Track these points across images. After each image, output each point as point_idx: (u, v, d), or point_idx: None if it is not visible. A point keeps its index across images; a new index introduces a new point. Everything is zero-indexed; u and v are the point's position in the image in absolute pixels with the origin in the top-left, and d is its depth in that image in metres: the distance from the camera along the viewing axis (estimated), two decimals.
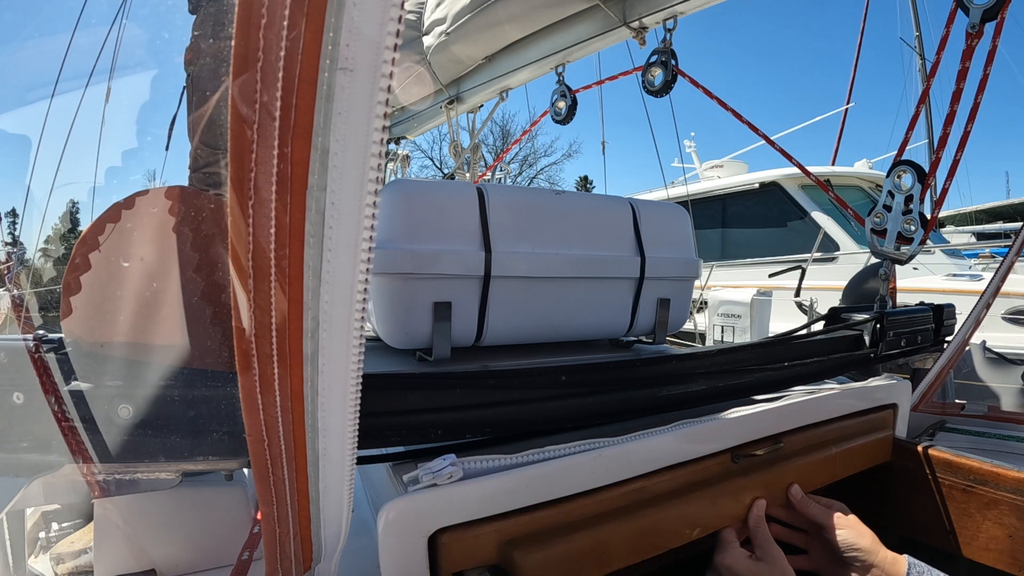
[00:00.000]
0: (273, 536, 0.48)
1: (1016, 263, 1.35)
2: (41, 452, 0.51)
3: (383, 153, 0.35)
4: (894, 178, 1.34)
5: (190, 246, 0.54)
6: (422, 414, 0.68)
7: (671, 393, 0.89)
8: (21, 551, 0.87)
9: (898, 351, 1.26)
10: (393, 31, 0.32)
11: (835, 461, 0.92)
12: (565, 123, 2.52)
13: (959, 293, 3.61)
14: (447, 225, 0.98)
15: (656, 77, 1.87)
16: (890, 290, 1.36)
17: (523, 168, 19.91)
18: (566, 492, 0.68)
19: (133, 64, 1.07)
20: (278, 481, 0.45)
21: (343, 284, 0.38)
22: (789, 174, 5.20)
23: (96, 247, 0.54)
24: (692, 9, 1.76)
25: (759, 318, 3.79)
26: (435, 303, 0.98)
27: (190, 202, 0.55)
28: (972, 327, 1.30)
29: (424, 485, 0.59)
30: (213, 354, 0.53)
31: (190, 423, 0.52)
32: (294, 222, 0.35)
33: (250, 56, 0.31)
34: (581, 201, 1.16)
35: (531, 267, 1.05)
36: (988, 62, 1.27)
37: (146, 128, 1.01)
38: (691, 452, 0.79)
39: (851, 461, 0.95)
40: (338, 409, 0.43)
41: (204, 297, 0.53)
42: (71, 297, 0.53)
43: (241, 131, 0.33)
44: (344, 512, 0.52)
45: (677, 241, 1.27)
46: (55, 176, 1.28)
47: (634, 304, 1.22)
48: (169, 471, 0.54)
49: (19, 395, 0.51)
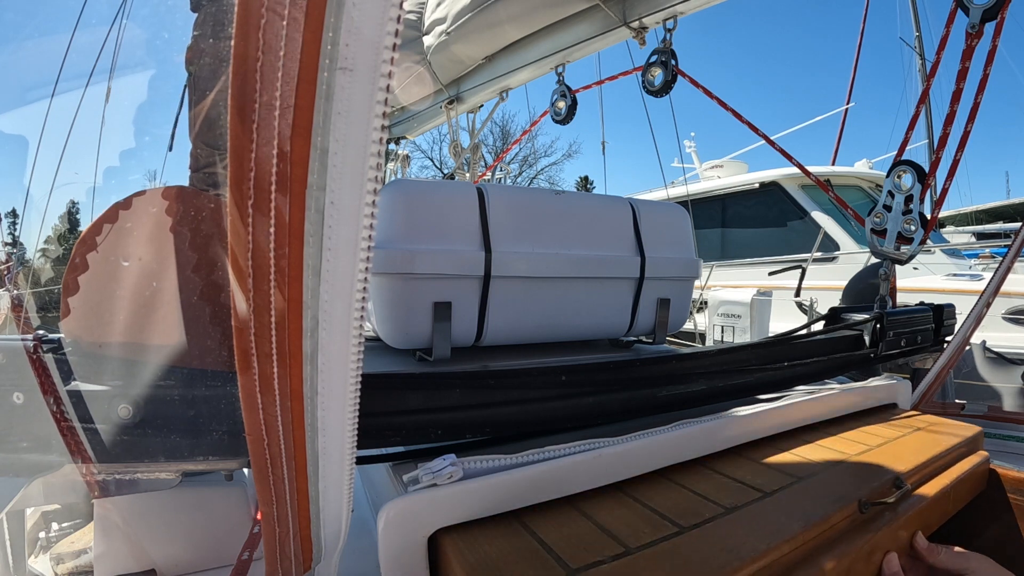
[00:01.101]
0: (273, 536, 0.48)
1: (1016, 263, 1.35)
2: (41, 452, 0.51)
3: (383, 153, 0.35)
4: (894, 178, 1.34)
5: (189, 246, 0.54)
6: (422, 414, 0.68)
7: (671, 393, 0.89)
8: (21, 551, 0.87)
9: (898, 351, 1.27)
10: (392, 31, 0.32)
11: (946, 499, 0.79)
12: (565, 123, 2.52)
13: (959, 293, 3.61)
14: (447, 225, 0.98)
15: (656, 77, 1.88)
16: (890, 290, 1.37)
17: (523, 168, 19.93)
18: (565, 492, 0.68)
19: (133, 64, 1.07)
20: (278, 481, 0.45)
21: (343, 283, 0.38)
22: (789, 174, 5.20)
23: (95, 248, 0.54)
24: (692, 9, 1.76)
25: (759, 318, 3.80)
26: (435, 303, 0.98)
27: (188, 202, 0.55)
28: (972, 327, 1.30)
29: (424, 485, 0.59)
30: (212, 354, 0.53)
31: (190, 423, 0.52)
32: (293, 222, 0.35)
33: (250, 56, 0.31)
34: (581, 201, 1.16)
35: (531, 267, 1.05)
36: (988, 62, 1.27)
37: (146, 128, 1.01)
38: (691, 452, 0.79)
39: (955, 497, 0.82)
40: (338, 409, 0.43)
41: (203, 297, 0.53)
42: (70, 297, 0.53)
43: (241, 131, 0.33)
44: (344, 512, 0.52)
45: (677, 241, 1.27)
46: (55, 176, 1.28)
47: (634, 304, 1.22)
48: (169, 471, 0.54)
49: (19, 395, 0.51)
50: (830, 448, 0.87)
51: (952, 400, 1.81)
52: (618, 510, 0.66)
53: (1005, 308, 3.47)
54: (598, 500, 0.68)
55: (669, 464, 0.77)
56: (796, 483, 0.72)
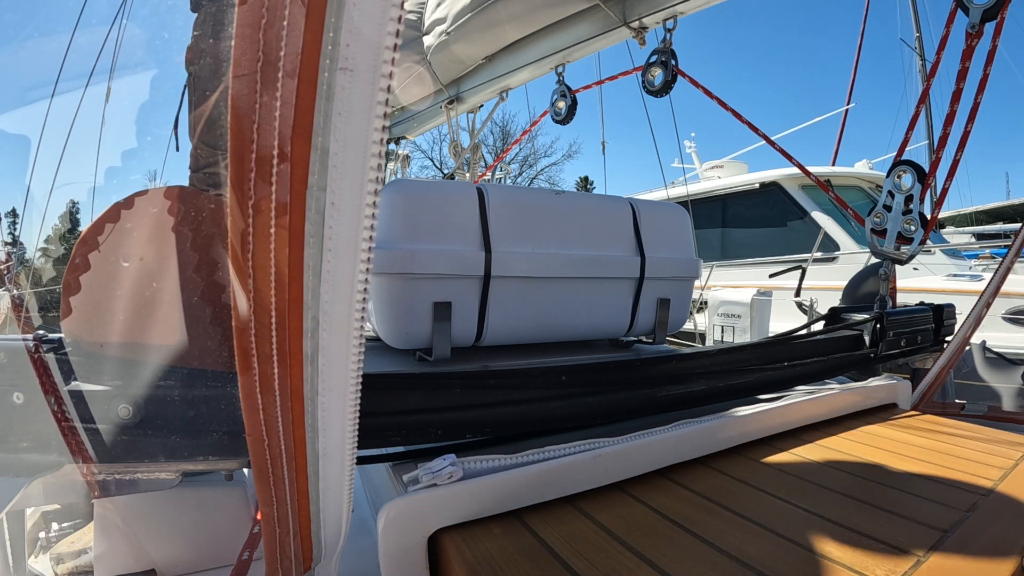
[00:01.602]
0: (273, 536, 0.48)
1: (1016, 263, 1.35)
2: (41, 452, 0.51)
3: (383, 153, 0.35)
4: (894, 178, 1.34)
5: (190, 246, 0.54)
6: (422, 414, 0.68)
7: (671, 393, 0.89)
8: (21, 551, 0.87)
9: (898, 351, 1.27)
10: (393, 31, 0.32)
11: None
12: (565, 123, 2.52)
13: (959, 293, 3.60)
14: (447, 225, 0.98)
15: (656, 77, 1.88)
16: (890, 290, 1.37)
17: (523, 169, 19.93)
18: (565, 492, 0.68)
19: (133, 64, 1.07)
20: (278, 481, 0.45)
21: (343, 284, 0.38)
22: (789, 174, 5.20)
23: (96, 247, 0.54)
24: (692, 9, 1.76)
25: (759, 318, 3.79)
26: (435, 303, 0.98)
27: (189, 202, 0.55)
28: (972, 327, 1.30)
29: (424, 485, 0.60)
30: (213, 354, 0.53)
31: (190, 423, 0.52)
32: (294, 222, 0.35)
33: (250, 56, 0.31)
34: (581, 201, 1.16)
35: (531, 267, 1.05)
36: (988, 62, 1.27)
37: (146, 128, 1.01)
38: (691, 452, 0.79)
39: None
40: (338, 409, 0.43)
41: (204, 297, 0.53)
42: (71, 297, 0.53)
43: (241, 131, 0.33)
44: (344, 512, 0.52)
45: (677, 241, 1.27)
46: (55, 176, 1.28)
47: (634, 304, 1.22)
48: (169, 471, 0.54)
49: (19, 395, 0.51)
50: (830, 448, 0.87)
51: (952, 400, 1.81)
52: (619, 509, 0.66)
53: (1005, 308, 3.47)
54: (599, 499, 0.68)
55: (669, 464, 0.77)
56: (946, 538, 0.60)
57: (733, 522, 0.63)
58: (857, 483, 0.75)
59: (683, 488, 0.72)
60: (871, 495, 0.71)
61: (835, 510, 0.67)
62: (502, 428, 0.74)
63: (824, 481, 0.75)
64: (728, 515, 0.65)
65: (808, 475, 0.77)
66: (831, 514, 0.65)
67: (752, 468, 0.79)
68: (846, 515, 0.65)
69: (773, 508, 0.67)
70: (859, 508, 0.67)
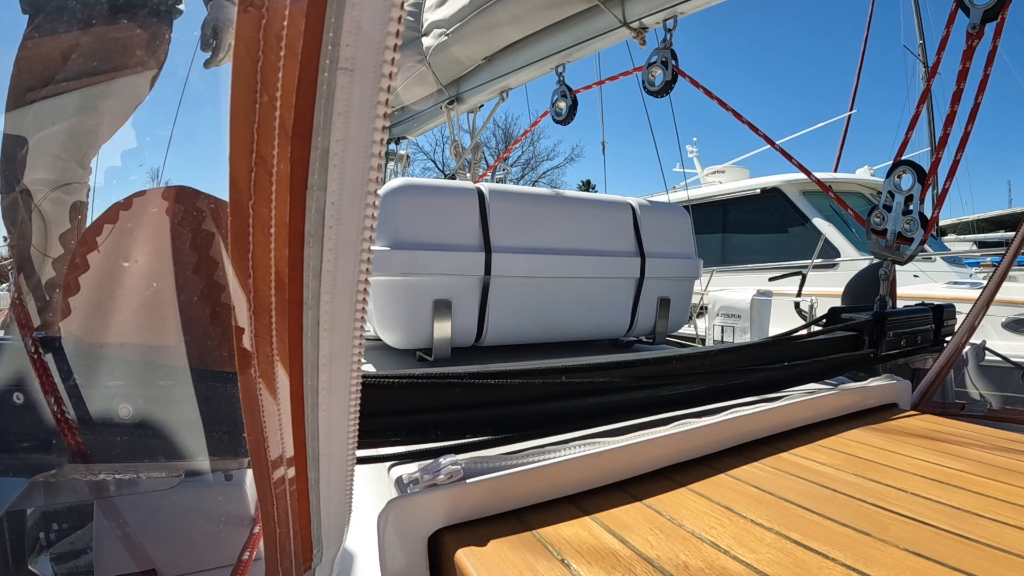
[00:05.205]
0: (273, 536, 0.48)
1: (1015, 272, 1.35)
2: (41, 452, 0.51)
3: (383, 153, 0.35)
4: (894, 178, 1.34)
5: (189, 246, 0.54)
6: (422, 414, 0.68)
7: (671, 393, 0.89)
8: (21, 551, 0.87)
9: (898, 351, 1.27)
10: (394, 31, 0.32)
11: None
12: (565, 123, 2.52)
13: (960, 301, 3.60)
14: (447, 225, 0.98)
15: (656, 77, 1.88)
16: (890, 290, 1.37)
17: (525, 171, 19.93)
18: (566, 492, 0.68)
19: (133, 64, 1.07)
20: (278, 481, 0.45)
21: (343, 284, 0.38)
22: (791, 180, 5.20)
23: (95, 248, 0.54)
24: (692, 9, 1.76)
25: (759, 319, 3.79)
26: (435, 303, 0.98)
27: (189, 202, 0.55)
28: (971, 327, 1.30)
29: (424, 485, 0.59)
30: (213, 354, 0.53)
31: (190, 423, 0.52)
32: (294, 222, 0.35)
33: (250, 56, 0.31)
34: (581, 201, 1.16)
35: (531, 267, 1.05)
36: (988, 63, 1.27)
37: (146, 128, 1.01)
38: (692, 452, 0.79)
39: None
40: (338, 409, 0.43)
41: (203, 297, 0.53)
42: (70, 298, 0.53)
43: (241, 131, 0.33)
44: (344, 512, 0.52)
45: (677, 241, 1.27)
46: None
47: (634, 304, 1.22)
48: (169, 471, 0.54)
49: (19, 395, 0.51)
50: (830, 447, 0.87)
51: (952, 400, 1.80)
52: (620, 509, 0.66)
53: (1005, 316, 3.47)
54: (599, 499, 0.68)
55: (670, 464, 0.77)
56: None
57: (733, 521, 0.63)
58: (857, 483, 0.75)
59: (684, 488, 0.72)
60: (871, 494, 0.71)
61: (835, 510, 0.67)
62: (502, 428, 0.74)
63: (824, 481, 0.75)
64: (728, 514, 0.65)
65: (808, 475, 0.77)
66: (831, 513, 0.65)
67: (752, 468, 0.79)
68: (846, 515, 0.65)
69: (773, 507, 0.67)
70: (859, 508, 0.67)
